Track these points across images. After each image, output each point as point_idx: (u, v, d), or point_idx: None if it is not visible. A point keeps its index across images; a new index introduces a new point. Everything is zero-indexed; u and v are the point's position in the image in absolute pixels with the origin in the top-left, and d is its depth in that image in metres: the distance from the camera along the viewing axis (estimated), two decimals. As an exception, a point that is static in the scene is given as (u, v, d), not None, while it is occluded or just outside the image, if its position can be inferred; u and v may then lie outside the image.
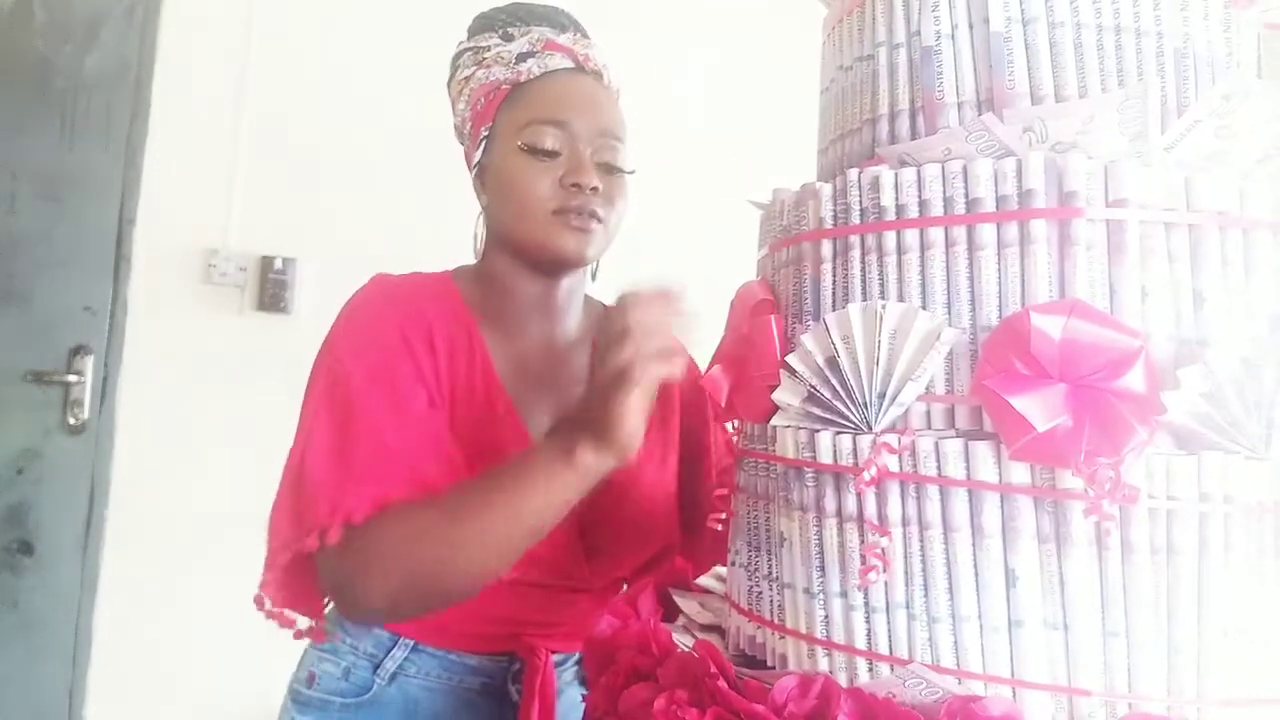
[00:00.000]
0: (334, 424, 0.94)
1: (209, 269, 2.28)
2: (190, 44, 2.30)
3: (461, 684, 1.05)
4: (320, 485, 0.91)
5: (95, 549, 2.21)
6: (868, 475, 0.63)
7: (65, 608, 2.19)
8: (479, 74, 1.08)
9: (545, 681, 1.02)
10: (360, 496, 0.89)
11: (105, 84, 2.24)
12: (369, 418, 0.93)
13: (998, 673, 0.60)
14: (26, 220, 2.18)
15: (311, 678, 1.06)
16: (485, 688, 1.06)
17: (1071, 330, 0.58)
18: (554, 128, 1.02)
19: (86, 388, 2.20)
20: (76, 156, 2.22)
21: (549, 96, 1.04)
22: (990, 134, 0.65)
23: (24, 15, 2.20)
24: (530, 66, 1.05)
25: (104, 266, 2.23)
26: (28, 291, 2.18)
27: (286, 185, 2.32)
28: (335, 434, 0.93)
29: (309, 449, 0.94)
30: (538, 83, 1.05)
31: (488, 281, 1.10)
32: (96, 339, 2.22)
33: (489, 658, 1.05)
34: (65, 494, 2.20)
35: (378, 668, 1.04)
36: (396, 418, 0.94)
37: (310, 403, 0.98)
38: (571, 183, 1.01)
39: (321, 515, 0.89)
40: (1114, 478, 0.55)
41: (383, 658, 1.04)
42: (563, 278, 1.10)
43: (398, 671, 1.04)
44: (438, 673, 1.05)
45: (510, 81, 1.06)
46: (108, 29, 2.25)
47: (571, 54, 1.07)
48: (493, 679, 1.06)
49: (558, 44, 1.07)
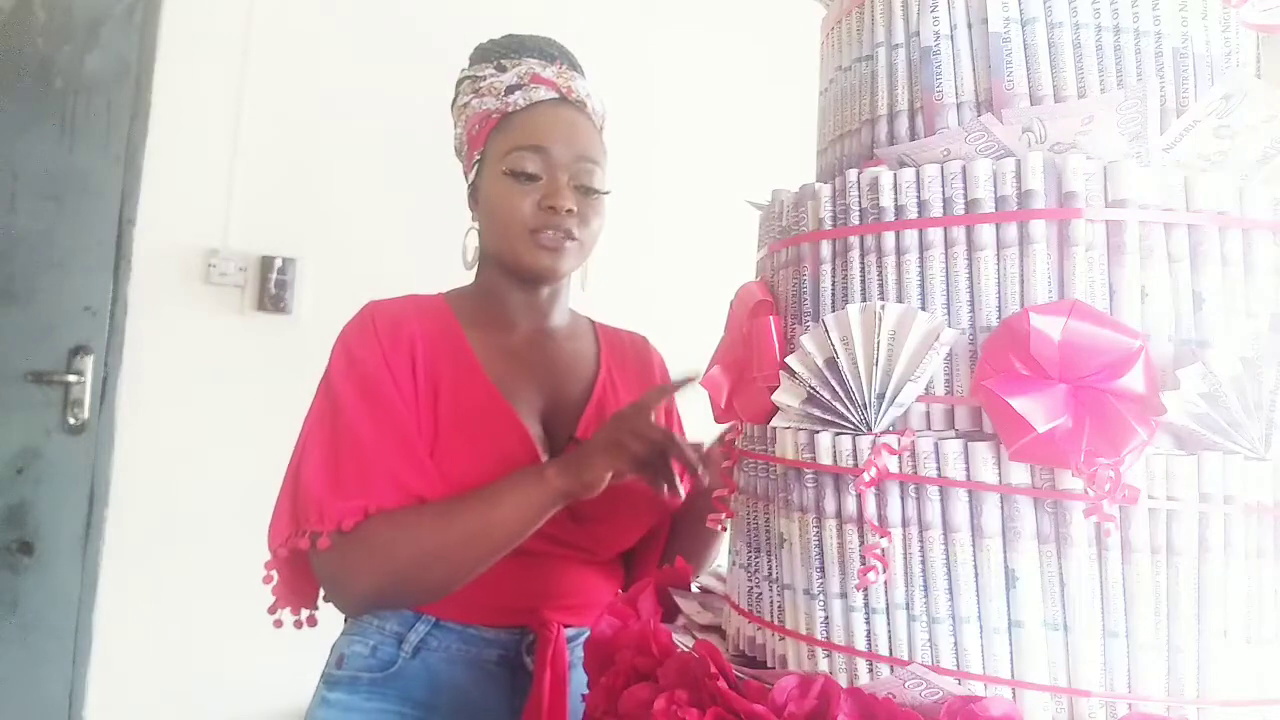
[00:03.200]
0: (325, 440, 1.08)
1: (209, 269, 2.28)
2: (190, 44, 2.30)
3: (480, 656, 1.12)
4: (313, 494, 1.04)
5: (95, 549, 2.21)
6: (867, 476, 0.63)
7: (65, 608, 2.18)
8: (474, 102, 1.19)
9: (557, 653, 1.10)
10: (349, 506, 1.02)
11: (105, 84, 2.24)
12: (355, 434, 1.06)
13: (998, 673, 0.60)
14: (26, 220, 2.18)
15: (341, 659, 1.12)
16: (501, 659, 1.12)
17: (1071, 331, 0.58)
18: (534, 154, 1.14)
19: (86, 388, 2.20)
20: (76, 156, 2.22)
21: (532, 126, 1.16)
22: (989, 134, 0.65)
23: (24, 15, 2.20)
24: (517, 98, 1.16)
25: (104, 266, 2.23)
26: (28, 291, 2.18)
27: (286, 185, 2.32)
28: (327, 449, 1.07)
29: (304, 462, 1.07)
30: (523, 113, 1.17)
31: (480, 291, 1.24)
32: (96, 339, 2.22)
33: (505, 630, 1.12)
34: (65, 494, 2.19)
35: (402, 642, 1.11)
36: (379, 435, 1.06)
37: (308, 420, 1.11)
38: (548, 205, 1.13)
39: (314, 521, 1.03)
40: (1114, 478, 0.55)
41: (406, 633, 1.11)
42: (544, 287, 1.22)
43: (420, 645, 1.11)
44: (457, 646, 1.11)
45: (499, 111, 1.17)
46: (108, 29, 2.25)
47: (555, 86, 1.18)
48: (508, 651, 1.13)
49: (543, 77, 1.18)
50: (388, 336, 1.12)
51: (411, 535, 1.02)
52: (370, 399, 1.08)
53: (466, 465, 1.09)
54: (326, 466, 1.06)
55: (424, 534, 1.02)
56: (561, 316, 1.28)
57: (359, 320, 1.15)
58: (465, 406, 1.12)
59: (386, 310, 1.16)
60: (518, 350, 1.21)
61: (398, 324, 1.14)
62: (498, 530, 1.03)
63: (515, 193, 1.14)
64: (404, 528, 1.02)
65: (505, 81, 1.17)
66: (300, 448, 1.10)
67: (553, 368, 1.23)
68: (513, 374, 1.18)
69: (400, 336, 1.13)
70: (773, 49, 2.39)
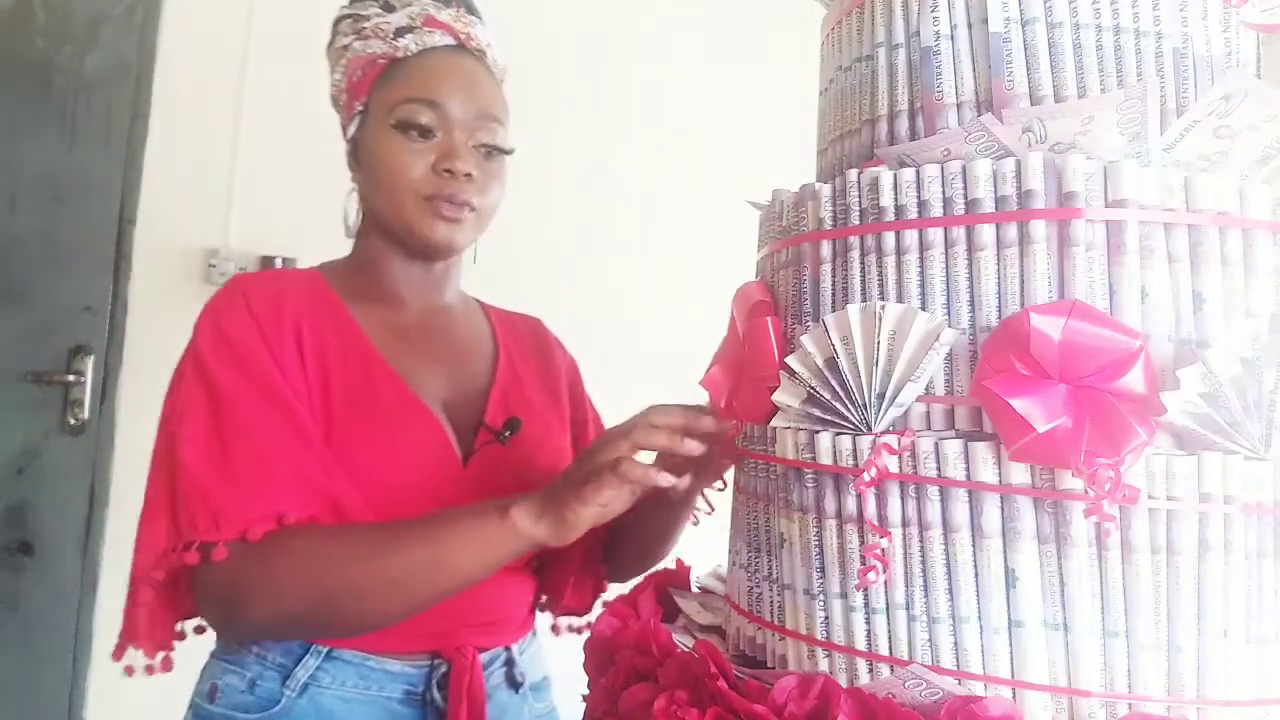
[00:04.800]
0: (206, 434, 0.89)
1: (209, 269, 2.28)
2: (190, 44, 2.30)
3: (381, 692, 0.96)
4: (201, 495, 0.86)
5: (95, 549, 2.20)
6: (867, 476, 0.63)
7: (65, 608, 2.18)
8: (356, 45, 1.05)
9: (474, 684, 0.97)
10: (255, 510, 0.86)
11: (105, 84, 2.24)
12: (244, 426, 0.89)
13: (998, 673, 0.60)
14: (26, 220, 2.18)
15: (214, 690, 0.97)
16: (408, 695, 0.97)
17: (1071, 331, 0.58)
18: (428, 108, 1.00)
19: (86, 388, 2.19)
20: (76, 156, 2.21)
21: (425, 75, 1.01)
22: (989, 134, 0.65)
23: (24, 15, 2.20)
24: (408, 42, 1.02)
25: (104, 266, 2.23)
26: (28, 291, 2.18)
27: (286, 185, 2.31)
28: (210, 444, 0.89)
29: (181, 463, 0.89)
30: (414, 60, 1.02)
31: (361, 264, 1.08)
32: (96, 339, 2.22)
33: (410, 662, 0.97)
34: (65, 494, 2.19)
35: (287, 678, 0.94)
36: (273, 426, 0.90)
37: (174, 415, 0.92)
38: (444, 168, 0.99)
39: (204, 528, 0.85)
40: (1114, 478, 0.55)
41: (293, 667, 0.94)
42: (436, 261, 1.08)
43: (309, 682, 0.94)
44: (354, 681, 0.96)
45: (386, 56, 1.03)
46: (108, 29, 2.25)
47: (452, 31, 1.04)
48: (415, 686, 0.97)
49: (438, 20, 1.04)
50: (267, 317, 0.96)
51: (338, 562, 0.85)
52: (256, 385, 0.91)
53: (371, 459, 0.94)
54: (213, 463, 0.88)
55: (355, 563, 0.85)
56: (454, 294, 1.14)
57: (227, 298, 0.97)
58: (362, 393, 0.97)
59: (260, 286, 0.99)
60: (410, 330, 1.07)
61: (277, 302, 0.98)
62: (445, 575, 0.85)
63: (405, 151, 0.99)
64: (328, 552, 0.86)
65: (394, 22, 1.03)
66: (168, 448, 0.91)
67: (451, 349, 1.09)
68: (409, 356, 1.03)
69: (282, 316, 0.97)
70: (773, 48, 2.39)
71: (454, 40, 1.05)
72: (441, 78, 1.02)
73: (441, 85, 1.01)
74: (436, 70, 1.02)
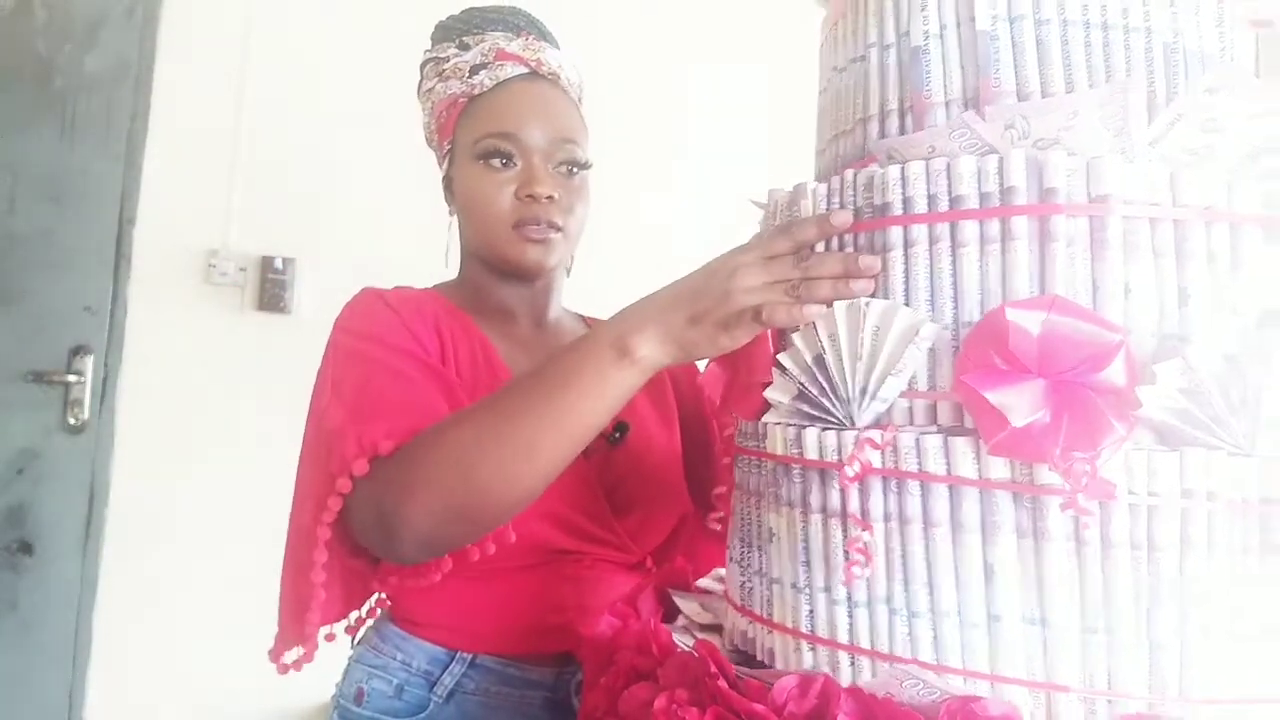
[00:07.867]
0: (353, 389, 0.92)
1: (209, 269, 2.29)
2: (190, 44, 2.31)
3: (523, 698, 1.00)
4: (342, 434, 0.87)
5: (95, 549, 2.21)
6: (850, 471, 0.63)
7: (65, 608, 2.19)
8: (439, 87, 1.11)
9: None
10: (384, 429, 0.86)
11: (105, 84, 2.25)
12: (382, 377, 0.92)
13: (977, 668, 0.59)
14: (26, 220, 2.19)
15: (360, 694, 1.01)
16: (548, 701, 1.01)
17: (1050, 325, 0.58)
18: (505, 139, 1.05)
19: (86, 388, 2.20)
20: (76, 156, 2.22)
21: (500, 108, 1.07)
22: (973, 131, 0.65)
23: (24, 15, 2.20)
24: (482, 78, 1.07)
25: (104, 266, 2.24)
26: (27, 291, 2.19)
27: (286, 185, 2.32)
28: (355, 396, 0.91)
29: (327, 417, 0.91)
30: (490, 95, 1.07)
31: (468, 288, 1.14)
32: (96, 339, 2.23)
33: (550, 667, 1.00)
34: (65, 494, 2.20)
35: (434, 685, 0.99)
36: (409, 375, 0.93)
37: (318, 390, 0.96)
38: (527, 194, 1.04)
39: (351, 454, 0.85)
40: (1090, 472, 0.55)
41: (439, 674, 0.99)
42: (534, 281, 1.13)
43: (455, 688, 0.99)
44: (497, 687, 1.00)
45: (466, 95, 1.08)
46: (108, 29, 2.25)
47: (523, 60, 1.09)
48: (555, 692, 1.01)
49: (508, 53, 1.09)
50: (408, 311, 1.00)
51: (473, 440, 0.82)
52: (399, 352, 0.95)
53: None
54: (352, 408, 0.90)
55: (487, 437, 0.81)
56: (557, 309, 1.20)
57: (362, 301, 1.02)
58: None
59: (393, 293, 1.04)
60: (528, 342, 1.13)
61: (416, 301, 1.04)
62: (578, 420, 0.80)
63: (489, 182, 1.05)
64: (461, 437, 0.83)
65: (469, 61, 1.08)
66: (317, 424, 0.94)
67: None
68: (529, 364, 1.05)
69: (424, 312, 1.02)
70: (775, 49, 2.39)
71: (526, 69, 1.09)
72: (516, 108, 1.07)
73: (516, 115, 1.06)
74: (510, 102, 1.07)
